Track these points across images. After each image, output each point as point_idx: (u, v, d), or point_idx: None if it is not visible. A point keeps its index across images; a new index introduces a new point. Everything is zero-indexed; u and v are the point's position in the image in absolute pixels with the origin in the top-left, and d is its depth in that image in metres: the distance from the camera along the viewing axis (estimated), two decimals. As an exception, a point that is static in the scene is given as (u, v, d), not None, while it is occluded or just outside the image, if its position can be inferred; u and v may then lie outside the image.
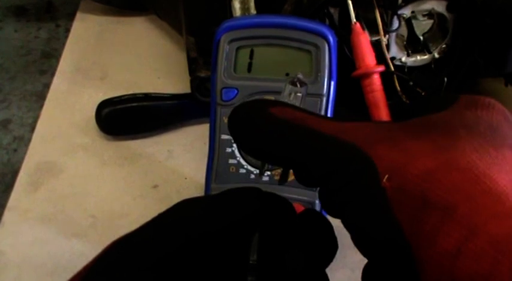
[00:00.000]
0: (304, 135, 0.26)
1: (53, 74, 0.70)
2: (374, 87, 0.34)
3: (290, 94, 0.33)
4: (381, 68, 0.35)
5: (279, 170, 0.33)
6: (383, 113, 0.32)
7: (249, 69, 0.46)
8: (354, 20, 0.37)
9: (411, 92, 0.53)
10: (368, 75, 0.34)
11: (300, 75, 0.33)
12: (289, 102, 0.32)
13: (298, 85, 0.33)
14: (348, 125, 0.26)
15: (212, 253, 0.28)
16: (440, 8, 0.52)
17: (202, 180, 0.48)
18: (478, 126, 0.24)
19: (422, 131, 0.24)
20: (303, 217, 0.31)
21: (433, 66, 0.55)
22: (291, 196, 0.44)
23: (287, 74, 0.46)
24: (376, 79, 0.34)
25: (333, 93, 0.46)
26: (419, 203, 0.21)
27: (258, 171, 0.46)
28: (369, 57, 0.36)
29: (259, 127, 0.27)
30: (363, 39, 0.36)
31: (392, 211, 0.22)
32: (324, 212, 0.36)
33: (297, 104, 0.33)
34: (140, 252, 0.27)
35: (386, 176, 0.22)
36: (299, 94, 0.33)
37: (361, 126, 0.26)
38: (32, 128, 0.64)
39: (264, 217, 0.29)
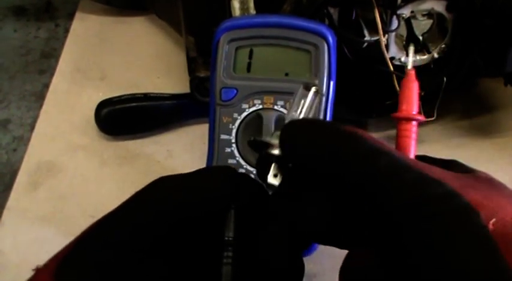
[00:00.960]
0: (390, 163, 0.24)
1: (52, 74, 0.70)
2: (408, 134, 0.34)
3: (302, 99, 0.33)
4: (421, 118, 0.36)
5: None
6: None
7: (249, 69, 0.46)
8: (410, 66, 0.38)
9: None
10: (408, 120, 0.35)
11: (316, 82, 0.34)
12: (301, 107, 0.33)
13: (313, 90, 0.33)
14: (424, 163, 0.26)
15: (191, 235, 0.29)
16: (440, 8, 0.52)
17: (202, 180, 0.48)
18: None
19: (491, 184, 0.27)
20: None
21: (432, 66, 0.55)
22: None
23: (286, 74, 0.46)
24: (413, 126, 0.35)
25: (333, 93, 0.46)
26: None
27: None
28: (413, 105, 0.36)
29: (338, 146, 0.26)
30: (414, 87, 0.37)
31: (499, 251, 0.22)
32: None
33: (309, 109, 0.33)
34: (128, 237, 0.28)
35: (494, 219, 0.23)
36: (310, 100, 0.33)
37: (438, 170, 0.26)
38: (32, 128, 0.64)
39: (238, 196, 0.30)
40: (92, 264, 0.27)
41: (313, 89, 0.33)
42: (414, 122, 0.35)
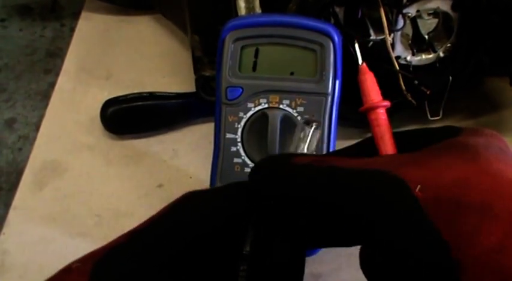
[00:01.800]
0: (329, 173, 0.27)
1: (57, 73, 0.70)
2: (379, 122, 0.35)
3: (302, 134, 0.35)
4: (386, 103, 0.36)
5: None
6: (389, 146, 0.33)
7: (254, 68, 0.46)
8: (361, 61, 0.39)
9: (416, 91, 0.53)
10: (373, 109, 0.36)
11: (314, 118, 0.35)
12: (302, 141, 0.35)
13: (313, 125, 0.35)
14: (368, 159, 0.27)
15: (212, 249, 0.30)
16: (445, 6, 0.52)
17: (207, 179, 0.48)
18: (492, 147, 0.26)
19: (443, 152, 0.26)
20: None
21: (438, 65, 0.55)
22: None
23: (292, 73, 0.46)
24: (381, 114, 0.36)
25: (338, 93, 0.46)
26: (454, 208, 0.22)
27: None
28: (373, 94, 0.37)
29: (284, 174, 0.28)
30: (368, 78, 0.38)
31: (427, 217, 0.22)
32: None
33: (309, 142, 0.35)
34: (151, 250, 0.29)
35: (419, 186, 0.23)
36: (311, 133, 0.35)
37: (381, 158, 0.28)
38: (37, 127, 0.64)
39: (256, 212, 0.31)
40: (117, 275, 0.28)
41: (314, 125, 0.35)
42: (381, 110, 0.36)
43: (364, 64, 0.39)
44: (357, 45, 0.43)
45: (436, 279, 0.22)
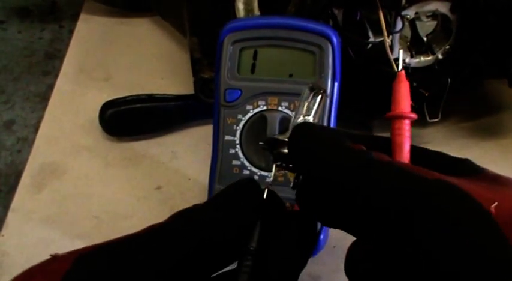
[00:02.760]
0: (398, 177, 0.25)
1: (56, 75, 0.70)
2: (402, 132, 0.35)
3: (307, 99, 0.34)
4: (414, 116, 0.36)
5: (283, 171, 0.34)
6: (404, 156, 0.34)
7: (253, 70, 0.46)
8: (401, 67, 0.39)
9: (415, 93, 0.53)
10: (400, 118, 0.36)
11: (318, 83, 0.34)
12: (307, 108, 0.33)
13: (321, 94, 0.34)
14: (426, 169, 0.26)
15: (220, 252, 0.29)
16: (444, 9, 0.52)
17: (206, 181, 0.48)
18: None
19: (496, 180, 0.27)
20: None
21: (436, 67, 0.55)
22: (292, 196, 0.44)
23: (290, 75, 0.46)
24: (406, 124, 0.36)
25: (337, 94, 0.46)
26: None
27: (261, 172, 0.46)
28: (405, 103, 0.37)
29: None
30: (404, 87, 0.38)
31: (503, 233, 0.22)
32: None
33: (315, 110, 0.34)
34: (157, 255, 0.28)
35: (496, 203, 0.23)
36: (317, 101, 0.34)
37: (439, 174, 0.26)
38: (36, 129, 0.64)
39: (263, 211, 0.31)
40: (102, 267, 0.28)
41: (321, 92, 0.34)
42: (407, 121, 0.36)
43: (403, 72, 0.39)
44: (401, 52, 0.42)
45: None
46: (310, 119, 0.33)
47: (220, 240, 0.29)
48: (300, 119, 0.33)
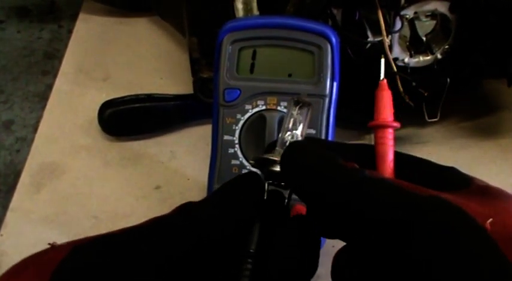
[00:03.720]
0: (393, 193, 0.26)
1: (55, 75, 0.70)
2: (385, 141, 0.36)
3: (293, 114, 0.34)
4: (396, 125, 0.37)
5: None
6: (387, 165, 0.34)
7: (252, 70, 0.46)
8: (383, 76, 0.39)
9: (414, 92, 0.53)
10: (382, 127, 0.36)
11: (302, 97, 0.35)
12: (293, 122, 0.34)
13: (304, 106, 0.35)
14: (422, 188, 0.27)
15: (219, 250, 0.29)
16: (443, 8, 0.52)
17: (205, 181, 0.48)
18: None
19: (489, 194, 0.27)
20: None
21: (435, 67, 0.55)
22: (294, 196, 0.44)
23: (290, 75, 0.46)
24: (389, 133, 0.36)
25: (336, 95, 0.46)
26: None
27: (259, 172, 0.46)
28: (386, 112, 0.37)
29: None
30: (386, 95, 0.38)
31: (499, 249, 0.22)
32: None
33: (302, 122, 0.34)
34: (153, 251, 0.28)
35: (491, 219, 0.23)
36: (302, 114, 0.34)
37: (432, 191, 0.27)
38: (35, 129, 0.64)
39: (264, 209, 0.31)
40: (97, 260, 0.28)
41: (306, 105, 0.35)
42: (390, 130, 0.37)
43: (385, 80, 0.39)
44: (382, 61, 0.42)
45: None
46: (298, 133, 0.34)
47: (218, 237, 0.29)
48: (287, 134, 0.34)
